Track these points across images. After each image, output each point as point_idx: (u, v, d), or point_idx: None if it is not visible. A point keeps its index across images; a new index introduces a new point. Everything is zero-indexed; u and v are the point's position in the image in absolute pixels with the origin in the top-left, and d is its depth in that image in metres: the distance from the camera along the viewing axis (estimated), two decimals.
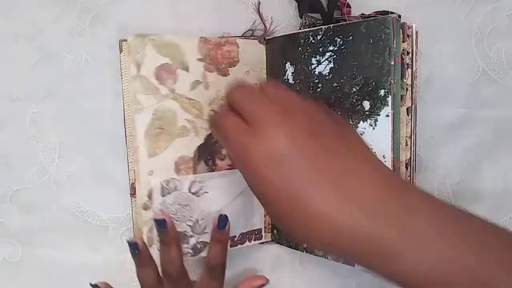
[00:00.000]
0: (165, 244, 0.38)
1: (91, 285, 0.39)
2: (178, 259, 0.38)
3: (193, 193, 0.41)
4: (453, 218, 0.25)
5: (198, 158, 0.41)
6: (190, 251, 0.41)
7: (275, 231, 0.45)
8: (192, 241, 0.41)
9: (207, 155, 0.41)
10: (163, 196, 0.39)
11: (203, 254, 0.41)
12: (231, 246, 0.43)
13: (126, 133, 0.41)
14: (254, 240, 0.45)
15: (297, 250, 0.43)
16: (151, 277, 0.39)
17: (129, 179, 0.42)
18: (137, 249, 0.38)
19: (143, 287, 0.39)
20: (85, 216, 0.45)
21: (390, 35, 0.34)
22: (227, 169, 0.42)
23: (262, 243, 0.46)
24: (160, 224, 0.37)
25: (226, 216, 0.39)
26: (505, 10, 0.43)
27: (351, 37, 0.36)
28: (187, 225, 0.40)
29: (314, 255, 0.41)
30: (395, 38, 0.34)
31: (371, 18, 0.35)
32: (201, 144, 0.41)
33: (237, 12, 0.43)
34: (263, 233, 0.45)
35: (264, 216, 0.45)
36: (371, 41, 0.35)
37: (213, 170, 0.41)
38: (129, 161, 0.42)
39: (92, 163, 0.44)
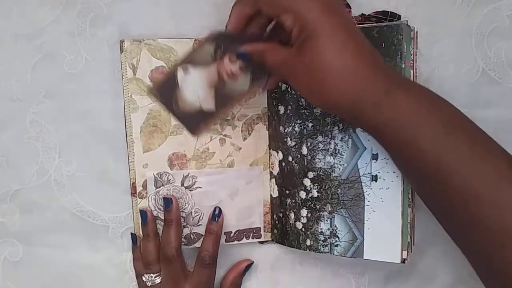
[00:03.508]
0: (167, 224, 0.42)
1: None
2: (176, 240, 0.41)
3: (186, 187, 0.43)
4: (428, 94, 0.33)
5: (212, 39, 0.38)
6: (184, 240, 0.43)
7: (275, 231, 0.45)
8: (186, 231, 0.44)
9: (222, 45, 0.38)
10: (156, 187, 0.42)
11: (197, 245, 0.44)
12: (227, 241, 0.45)
13: (127, 132, 0.42)
14: (252, 238, 0.45)
15: (300, 249, 0.43)
16: (152, 252, 0.42)
17: (130, 179, 0.42)
18: (145, 219, 0.42)
19: (144, 260, 0.43)
20: (85, 215, 0.45)
21: (402, 41, 0.35)
22: (227, 72, 0.38)
23: (262, 242, 0.47)
24: (167, 202, 0.42)
25: (220, 209, 0.43)
26: (505, 10, 0.43)
27: None
28: (181, 216, 0.43)
29: (319, 252, 0.42)
30: (406, 43, 0.36)
31: (384, 23, 0.37)
32: (226, 34, 0.37)
33: None
34: (262, 232, 0.46)
35: (264, 216, 0.45)
36: (383, 45, 0.36)
37: (214, 60, 0.38)
38: (129, 161, 0.42)
39: (92, 163, 0.44)
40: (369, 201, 0.39)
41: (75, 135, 0.44)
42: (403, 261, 0.38)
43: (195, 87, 0.38)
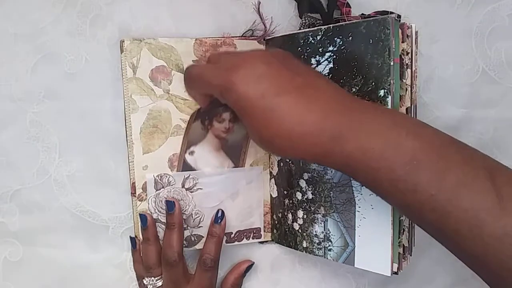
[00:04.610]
0: (169, 227, 0.41)
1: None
2: (178, 244, 0.41)
3: (186, 189, 0.42)
4: (390, 114, 0.31)
5: (195, 118, 0.42)
6: (184, 242, 0.43)
7: (275, 231, 0.45)
8: (186, 233, 0.43)
9: (206, 115, 0.42)
10: (156, 190, 0.42)
11: (198, 247, 0.43)
12: (227, 242, 0.44)
13: (127, 132, 0.41)
14: (253, 238, 0.45)
15: (297, 250, 0.43)
16: (152, 256, 0.42)
17: (130, 179, 0.42)
18: (145, 223, 0.41)
19: (144, 263, 0.42)
20: (86, 215, 0.45)
21: (389, 36, 0.33)
22: (222, 131, 0.43)
23: (262, 242, 0.47)
24: (170, 206, 0.41)
25: (222, 211, 0.43)
26: (505, 10, 0.43)
27: (350, 38, 0.36)
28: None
29: (314, 255, 0.41)
30: (394, 38, 0.34)
31: (371, 18, 0.35)
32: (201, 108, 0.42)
33: (237, 12, 0.43)
34: (262, 232, 0.46)
35: (264, 216, 0.45)
36: (371, 42, 0.35)
37: (207, 130, 0.43)
38: (129, 161, 0.42)
39: (92, 163, 0.44)
40: (359, 207, 0.37)
41: (75, 135, 0.44)
42: (394, 273, 0.36)
43: (207, 160, 0.43)
